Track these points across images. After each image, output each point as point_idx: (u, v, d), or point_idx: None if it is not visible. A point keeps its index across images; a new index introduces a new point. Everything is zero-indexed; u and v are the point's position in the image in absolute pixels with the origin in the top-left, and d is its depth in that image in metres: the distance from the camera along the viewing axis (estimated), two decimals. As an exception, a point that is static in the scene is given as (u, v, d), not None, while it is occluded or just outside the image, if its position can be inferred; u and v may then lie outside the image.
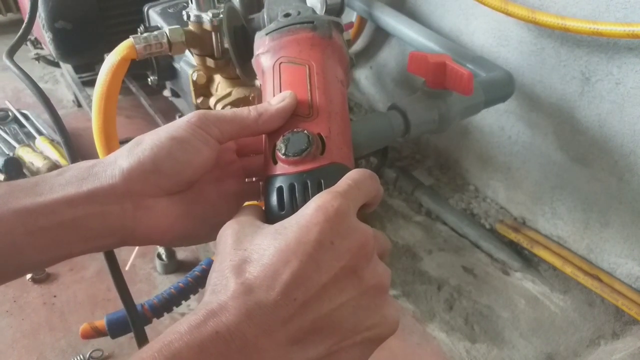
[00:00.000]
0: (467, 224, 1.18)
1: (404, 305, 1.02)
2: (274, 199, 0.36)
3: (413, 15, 1.21)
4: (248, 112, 0.38)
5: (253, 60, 0.46)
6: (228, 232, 0.33)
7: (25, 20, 0.72)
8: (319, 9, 0.98)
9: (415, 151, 1.41)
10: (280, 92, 0.40)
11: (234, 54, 0.63)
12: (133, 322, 0.58)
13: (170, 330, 0.27)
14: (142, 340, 0.60)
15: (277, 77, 0.41)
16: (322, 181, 0.35)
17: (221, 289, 0.29)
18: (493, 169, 1.20)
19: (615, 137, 0.91)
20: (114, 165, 0.36)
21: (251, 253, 0.30)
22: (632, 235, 0.96)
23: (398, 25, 1.12)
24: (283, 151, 0.36)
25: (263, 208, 0.37)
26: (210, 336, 0.27)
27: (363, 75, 1.53)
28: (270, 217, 0.36)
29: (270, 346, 0.28)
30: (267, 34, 0.44)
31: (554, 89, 0.98)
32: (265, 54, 0.44)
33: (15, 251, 0.33)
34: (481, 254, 1.13)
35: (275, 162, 0.37)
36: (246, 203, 0.42)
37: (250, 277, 0.29)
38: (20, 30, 0.71)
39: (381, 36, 1.39)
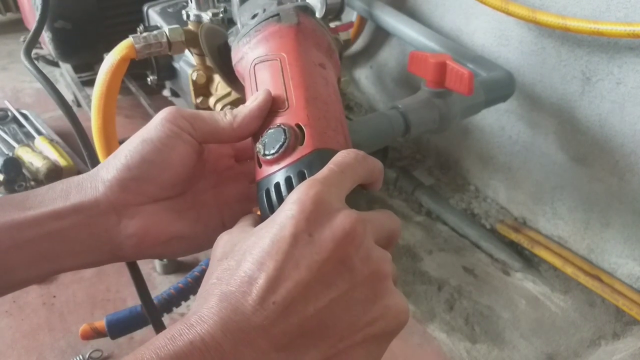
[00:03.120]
0: (467, 224, 1.17)
1: (404, 306, 1.01)
2: (263, 203, 0.34)
3: (413, 14, 1.21)
4: (223, 114, 0.37)
5: (235, 72, 0.45)
6: (219, 244, 0.32)
7: (38, 15, 0.72)
8: (319, 9, 0.98)
9: (415, 151, 1.40)
10: None
11: (220, 73, 0.62)
12: (150, 314, 0.58)
13: (146, 345, 0.26)
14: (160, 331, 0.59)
15: (254, 80, 0.40)
16: (305, 171, 0.33)
17: (202, 302, 0.28)
18: (494, 169, 1.20)
19: (616, 137, 0.91)
20: (96, 178, 0.35)
21: (230, 261, 0.29)
22: (632, 236, 0.96)
23: (398, 25, 1.12)
24: (262, 152, 0.35)
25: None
26: (185, 348, 0.25)
27: (363, 75, 1.53)
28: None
29: (251, 355, 0.26)
30: (238, 42, 0.44)
31: (555, 88, 0.98)
32: (240, 61, 0.43)
33: (3, 266, 0.33)
34: (482, 254, 1.13)
35: (260, 166, 0.36)
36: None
37: (227, 286, 0.27)
38: (35, 25, 0.70)
39: (381, 36, 1.39)
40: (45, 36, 1.23)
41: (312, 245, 0.28)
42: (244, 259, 0.28)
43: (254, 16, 0.45)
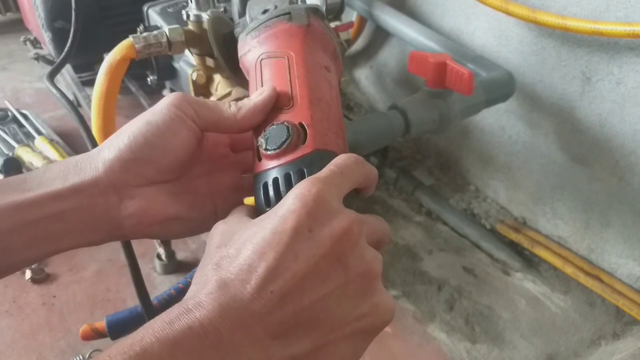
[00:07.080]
0: (467, 224, 1.17)
1: (405, 306, 1.01)
2: (260, 196, 0.35)
3: (413, 14, 1.21)
4: (228, 106, 0.38)
5: (240, 63, 0.46)
6: (215, 232, 0.33)
7: (68, 45, 0.74)
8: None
9: (415, 151, 1.40)
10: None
11: (224, 62, 0.62)
12: (148, 314, 0.59)
13: (144, 327, 0.27)
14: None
15: (259, 74, 0.41)
16: (305, 170, 0.34)
17: (199, 288, 0.28)
18: (494, 169, 1.20)
19: (616, 137, 0.91)
20: (96, 157, 0.35)
21: (229, 249, 0.30)
22: (632, 236, 0.96)
23: (398, 25, 1.12)
24: (264, 146, 0.36)
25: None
26: (183, 331, 0.26)
27: (363, 75, 1.53)
28: (259, 215, 0.35)
29: (248, 342, 0.27)
30: (247, 34, 0.44)
31: (555, 88, 0.98)
32: (247, 54, 0.44)
33: (3, 247, 0.33)
34: (482, 254, 1.13)
35: (260, 159, 0.36)
36: (245, 200, 0.42)
37: (226, 273, 0.28)
38: (63, 53, 0.73)
39: (381, 36, 1.39)
40: (45, 36, 1.23)
41: (311, 241, 0.29)
42: (244, 247, 0.29)
43: (265, 11, 0.46)
